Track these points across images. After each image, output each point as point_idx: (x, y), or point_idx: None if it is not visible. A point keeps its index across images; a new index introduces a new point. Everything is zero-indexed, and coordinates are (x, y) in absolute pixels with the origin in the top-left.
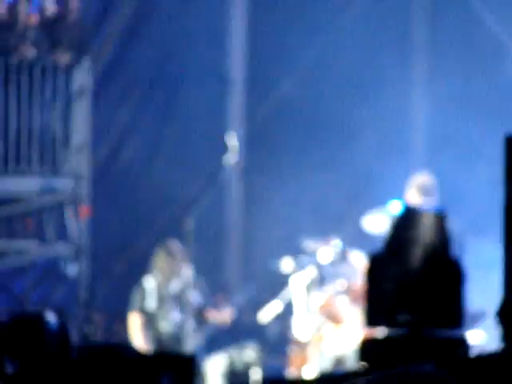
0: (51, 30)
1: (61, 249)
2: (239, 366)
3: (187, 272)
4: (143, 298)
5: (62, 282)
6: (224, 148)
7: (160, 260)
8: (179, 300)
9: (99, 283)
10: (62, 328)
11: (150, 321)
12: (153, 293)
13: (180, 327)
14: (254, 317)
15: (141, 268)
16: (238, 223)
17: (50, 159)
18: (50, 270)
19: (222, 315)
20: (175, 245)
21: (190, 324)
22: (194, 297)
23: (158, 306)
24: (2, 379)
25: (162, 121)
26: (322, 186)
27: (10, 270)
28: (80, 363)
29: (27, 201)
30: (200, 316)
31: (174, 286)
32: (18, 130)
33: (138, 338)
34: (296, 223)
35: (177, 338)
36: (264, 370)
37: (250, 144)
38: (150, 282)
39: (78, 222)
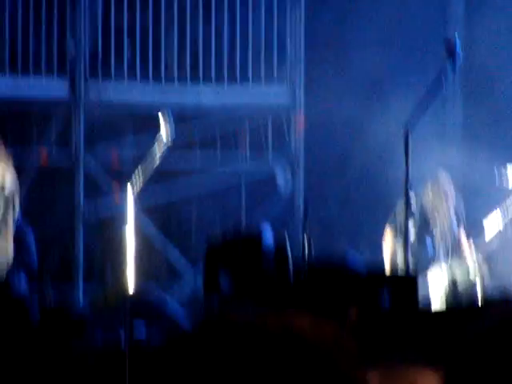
0: None
1: (276, 163)
2: (460, 277)
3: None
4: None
5: (278, 198)
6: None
7: (428, 199)
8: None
9: (314, 201)
10: (280, 246)
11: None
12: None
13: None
14: None
15: (358, 186)
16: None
17: (265, 67)
18: (266, 185)
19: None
20: (447, 180)
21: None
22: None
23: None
24: (217, 293)
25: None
26: None
27: (225, 187)
28: (297, 282)
29: (240, 112)
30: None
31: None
32: (233, 39)
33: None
34: None
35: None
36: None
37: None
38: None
39: (293, 133)
